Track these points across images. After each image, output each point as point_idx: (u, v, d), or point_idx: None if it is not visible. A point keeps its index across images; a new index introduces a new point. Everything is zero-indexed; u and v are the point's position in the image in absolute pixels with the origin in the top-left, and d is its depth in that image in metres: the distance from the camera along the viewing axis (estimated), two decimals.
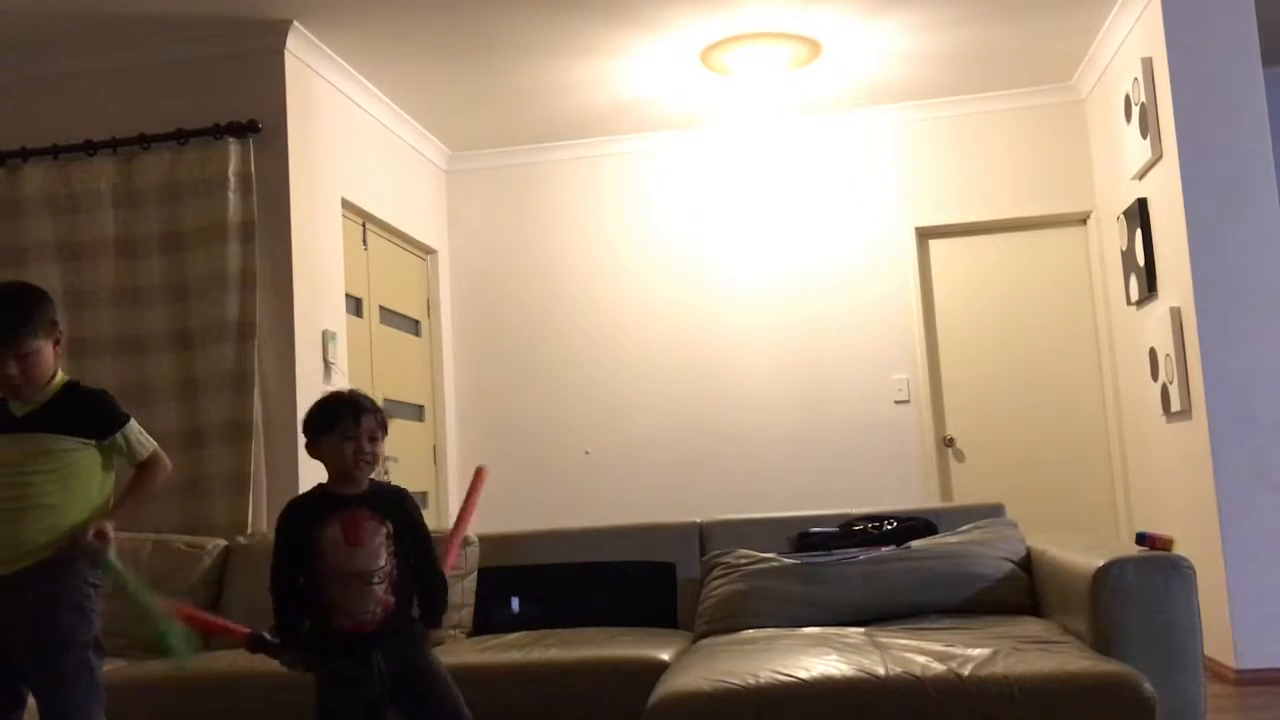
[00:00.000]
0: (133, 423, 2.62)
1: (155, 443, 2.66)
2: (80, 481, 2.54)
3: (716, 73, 5.34)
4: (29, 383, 2.51)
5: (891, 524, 3.66)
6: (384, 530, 2.51)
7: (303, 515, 2.53)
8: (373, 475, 2.59)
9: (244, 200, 4.59)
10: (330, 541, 2.46)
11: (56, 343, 2.58)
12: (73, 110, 4.78)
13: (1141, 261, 5.02)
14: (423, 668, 2.53)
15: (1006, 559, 3.39)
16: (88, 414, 2.56)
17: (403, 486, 2.66)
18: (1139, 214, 5.01)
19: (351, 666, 2.43)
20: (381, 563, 2.48)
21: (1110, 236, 5.62)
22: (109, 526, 2.51)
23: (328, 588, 2.44)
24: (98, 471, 2.58)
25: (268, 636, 2.49)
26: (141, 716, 3.20)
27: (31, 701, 2.54)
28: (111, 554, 2.51)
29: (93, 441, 2.55)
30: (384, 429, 2.57)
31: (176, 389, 4.53)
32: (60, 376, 2.59)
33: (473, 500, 2.98)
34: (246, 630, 2.54)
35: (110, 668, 2.82)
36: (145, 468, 2.63)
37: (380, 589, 2.47)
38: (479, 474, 3.05)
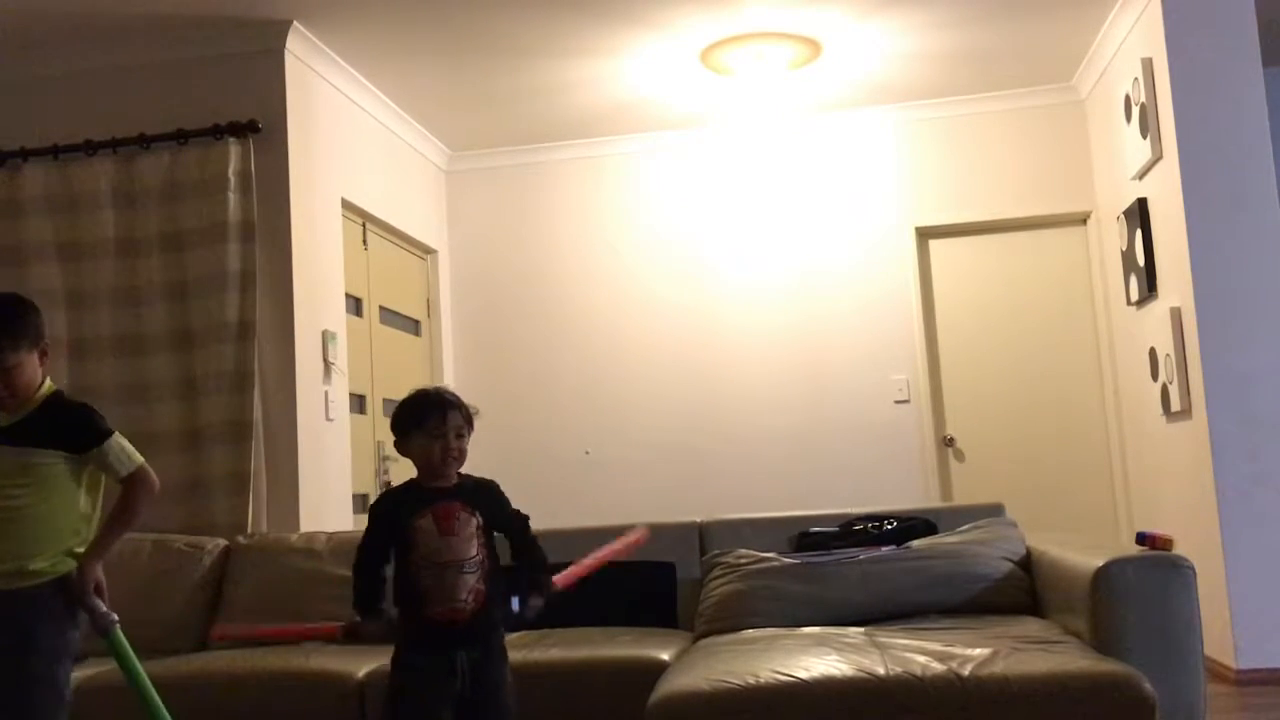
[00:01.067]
0: (115, 438, 2.55)
1: (142, 459, 2.60)
2: (60, 496, 2.50)
3: (717, 73, 5.34)
4: (12, 395, 2.47)
5: (891, 524, 3.66)
6: (475, 521, 2.53)
7: (395, 505, 2.55)
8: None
9: (244, 200, 4.59)
10: (423, 531, 2.48)
11: (43, 354, 2.54)
12: (73, 110, 4.78)
13: (1141, 261, 5.02)
14: (494, 677, 2.53)
15: (1006, 559, 3.39)
16: (67, 427, 2.52)
17: (492, 479, 2.67)
18: (1139, 214, 5.01)
19: (434, 660, 2.44)
20: (474, 552, 2.50)
21: (1110, 236, 5.62)
22: (97, 571, 2.48)
23: (422, 577, 2.46)
24: (76, 486, 2.53)
25: (358, 620, 2.50)
26: (142, 716, 3.20)
27: None
28: (116, 622, 2.48)
29: (71, 455, 2.50)
30: (470, 425, 2.62)
31: (176, 389, 4.53)
32: (48, 386, 2.56)
33: (615, 551, 2.90)
34: (332, 627, 2.55)
35: (109, 668, 2.82)
36: (129, 486, 2.57)
37: (473, 578, 2.48)
38: (639, 536, 2.98)
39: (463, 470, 2.62)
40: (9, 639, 2.43)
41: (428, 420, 2.55)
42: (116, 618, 2.49)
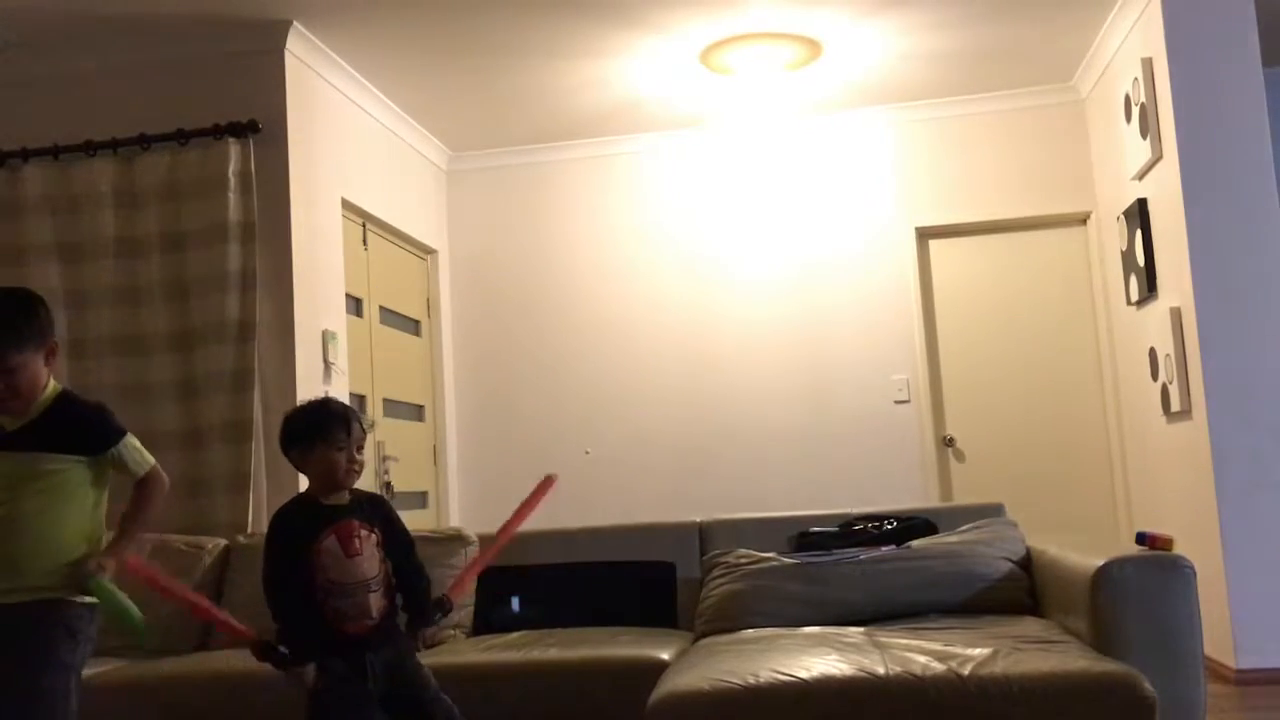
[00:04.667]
0: (130, 437, 2.49)
1: (154, 458, 2.54)
2: (73, 501, 2.41)
3: (717, 73, 5.34)
4: (15, 397, 2.35)
5: (891, 524, 3.66)
6: (374, 538, 2.52)
7: (294, 526, 2.51)
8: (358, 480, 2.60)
9: (244, 200, 4.59)
10: (328, 554, 2.46)
11: (51, 353, 2.42)
12: (73, 110, 4.78)
13: (1141, 261, 5.02)
14: (410, 668, 2.55)
15: (1006, 559, 3.39)
16: (81, 429, 2.42)
17: (376, 491, 2.65)
18: (1139, 214, 5.01)
19: (345, 666, 2.45)
20: (376, 570, 2.50)
21: (1110, 236, 5.62)
22: (111, 562, 2.40)
23: (330, 599, 2.45)
24: (90, 490, 2.44)
25: (281, 649, 2.45)
26: (142, 716, 3.20)
27: None
28: (106, 577, 2.38)
29: (85, 458, 2.42)
30: (365, 436, 2.59)
31: (176, 389, 4.53)
32: (53, 387, 2.44)
33: (529, 507, 2.83)
34: (251, 633, 2.49)
35: (110, 668, 2.82)
36: (144, 486, 2.51)
37: (378, 595, 2.49)
38: (546, 482, 2.85)
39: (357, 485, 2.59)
40: (16, 654, 2.33)
41: (332, 431, 2.50)
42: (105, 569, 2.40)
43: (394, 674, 2.50)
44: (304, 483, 4.54)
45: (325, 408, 2.58)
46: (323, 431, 2.51)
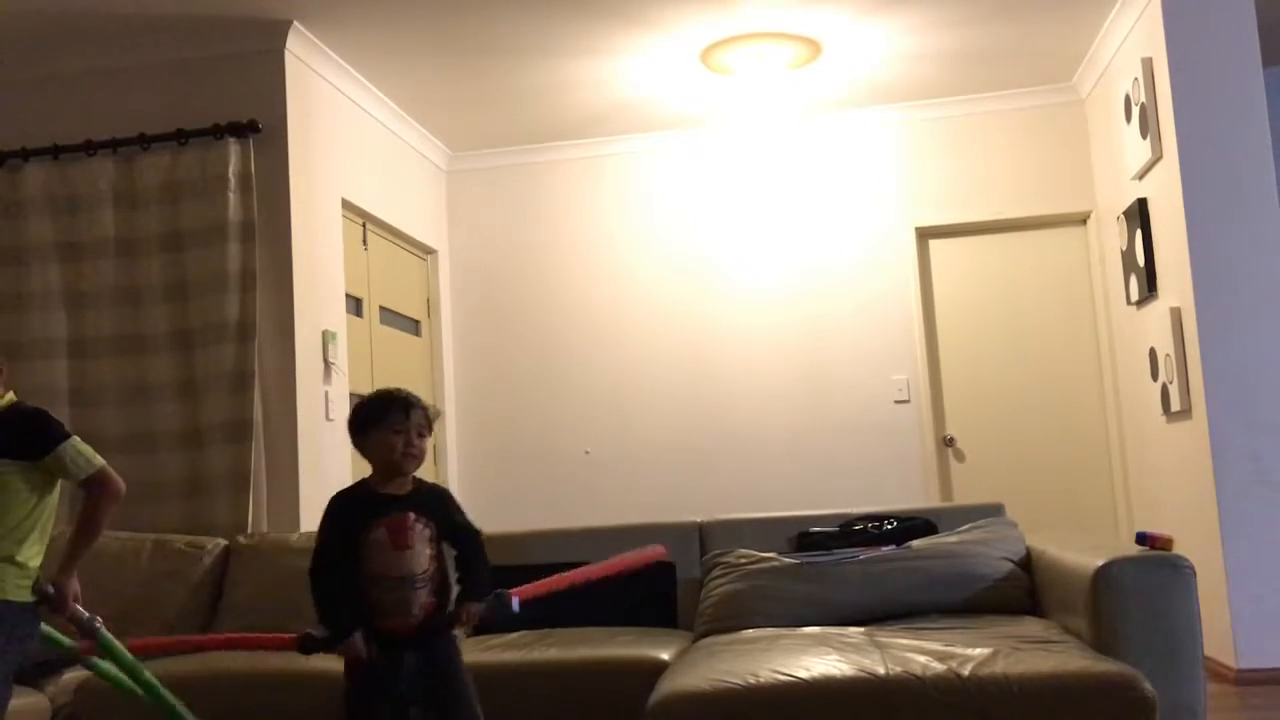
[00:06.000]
0: (73, 441, 2.51)
1: (103, 461, 2.54)
2: (12, 506, 2.44)
3: (717, 73, 5.34)
4: None
5: (891, 524, 3.66)
6: (428, 532, 2.52)
7: (348, 513, 2.52)
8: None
9: (244, 200, 4.59)
10: (376, 545, 2.46)
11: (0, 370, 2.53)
12: (73, 110, 4.78)
13: (1141, 261, 5.02)
14: (450, 674, 2.54)
15: (1006, 559, 3.39)
16: (20, 433, 2.47)
17: (445, 487, 2.66)
18: (1139, 214, 5.01)
19: (383, 663, 2.44)
20: (426, 565, 2.49)
21: (1110, 236, 5.62)
22: (74, 584, 2.45)
23: (373, 591, 2.45)
24: (30, 494, 2.47)
25: (316, 635, 2.46)
26: (141, 716, 3.20)
27: None
28: (102, 628, 2.44)
29: (24, 463, 2.45)
30: (429, 426, 2.58)
31: (176, 389, 4.53)
32: (7, 399, 2.53)
33: (630, 562, 2.92)
34: (290, 636, 2.50)
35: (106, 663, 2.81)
36: (91, 491, 2.52)
37: (424, 592, 2.49)
38: (656, 552, 2.98)
39: (418, 475, 2.60)
40: None
41: (390, 415, 2.53)
42: (100, 620, 2.46)
43: (431, 676, 2.49)
44: (305, 483, 4.57)
45: (385, 394, 2.61)
46: (381, 414, 2.53)
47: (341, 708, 2.51)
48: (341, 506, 2.55)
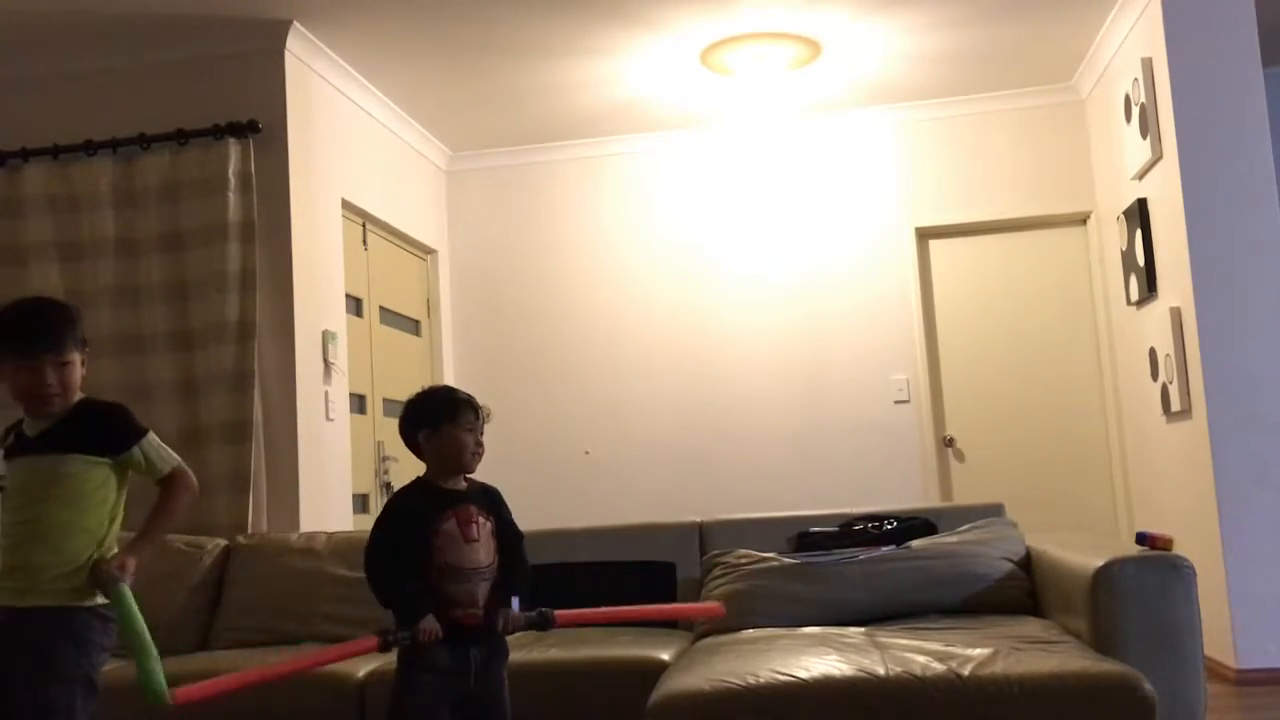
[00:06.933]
0: (151, 436, 2.48)
1: (179, 458, 2.51)
2: (91, 503, 2.39)
3: (717, 73, 5.34)
4: (64, 392, 2.42)
5: (891, 524, 3.66)
6: (489, 526, 2.54)
7: (414, 507, 2.52)
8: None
9: (244, 200, 4.59)
10: (447, 536, 2.46)
11: (84, 361, 2.51)
12: (73, 110, 4.78)
13: (1141, 261, 5.02)
14: (497, 677, 2.55)
15: (1006, 559, 3.39)
16: (101, 429, 2.43)
17: (494, 486, 2.66)
18: (1139, 214, 5.01)
19: (448, 657, 2.44)
20: (491, 558, 2.51)
21: (1110, 236, 5.62)
22: (132, 561, 2.36)
23: (444, 583, 2.45)
24: (110, 492, 2.42)
25: (394, 633, 2.42)
26: (142, 716, 3.20)
27: None
28: (126, 583, 2.33)
29: (106, 459, 2.41)
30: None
31: (176, 389, 4.53)
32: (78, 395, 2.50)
33: (684, 611, 2.97)
34: (371, 639, 2.44)
35: (110, 668, 2.81)
36: (169, 485, 2.47)
37: (489, 584, 2.50)
38: (715, 609, 3.00)
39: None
40: (25, 664, 2.31)
41: (460, 414, 2.55)
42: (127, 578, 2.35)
43: (485, 672, 2.50)
44: (305, 483, 4.57)
45: (453, 392, 2.63)
46: (454, 412, 2.54)
47: (397, 699, 2.48)
48: (409, 502, 2.54)
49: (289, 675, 2.59)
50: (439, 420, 2.55)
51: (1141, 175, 5.00)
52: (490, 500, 2.60)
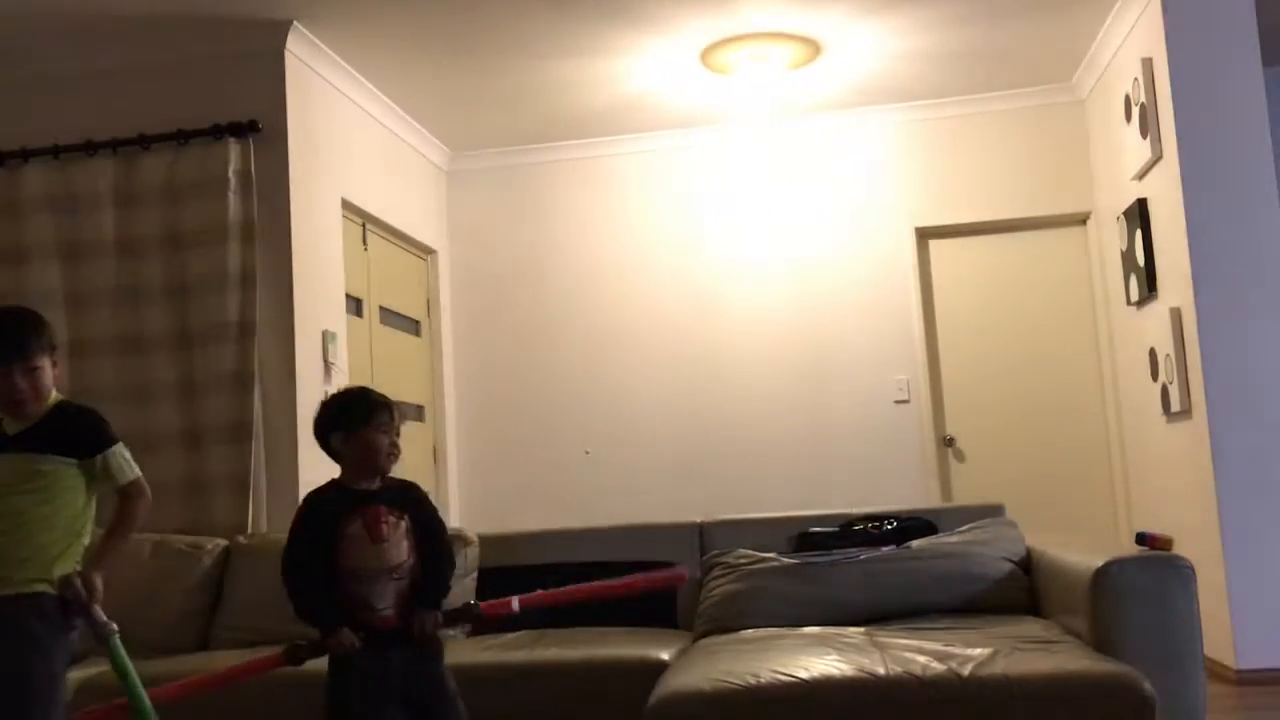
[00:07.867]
0: (120, 446, 2.59)
1: (140, 471, 2.62)
2: (62, 501, 2.51)
3: (717, 73, 5.34)
4: (36, 397, 2.52)
5: (891, 524, 3.66)
6: (403, 525, 2.53)
7: (322, 510, 2.53)
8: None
9: (244, 200, 4.59)
10: (353, 539, 2.47)
11: (54, 364, 2.60)
12: (73, 110, 4.78)
13: (1141, 261, 5.02)
14: (432, 674, 2.54)
15: (1006, 559, 3.39)
16: (74, 432, 2.54)
17: (414, 481, 2.66)
18: (1139, 214, 5.01)
19: (372, 660, 2.44)
20: (404, 557, 2.50)
21: (1110, 236, 5.62)
22: (98, 578, 2.47)
23: (351, 584, 2.46)
24: (81, 492, 2.54)
25: (302, 643, 2.46)
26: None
27: None
28: (117, 633, 2.46)
29: (76, 461, 2.52)
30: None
31: (176, 389, 4.53)
32: (54, 396, 2.59)
33: (644, 583, 2.92)
34: (275, 653, 2.48)
35: (108, 670, 2.81)
36: (127, 498, 2.58)
37: (403, 584, 2.49)
38: (677, 576, 2.89)
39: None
40: (11, 643, 2.43)
41: (375, 416, 2.56)
42: (116, 627, 2.48)
43: (414, 676, 2.49)
44: (305, 483, 4.56)
45: (367, 393, 2.64)
46: (368, 414, 2.56)
47: (330, 711, 2.49)
48: (318, 505, 2.56)
49: (181, 698, 2.59)
50: (352, 423, 2.55)
51: (1141, 175, 5.00)
52: (406, 498, 2.58)
